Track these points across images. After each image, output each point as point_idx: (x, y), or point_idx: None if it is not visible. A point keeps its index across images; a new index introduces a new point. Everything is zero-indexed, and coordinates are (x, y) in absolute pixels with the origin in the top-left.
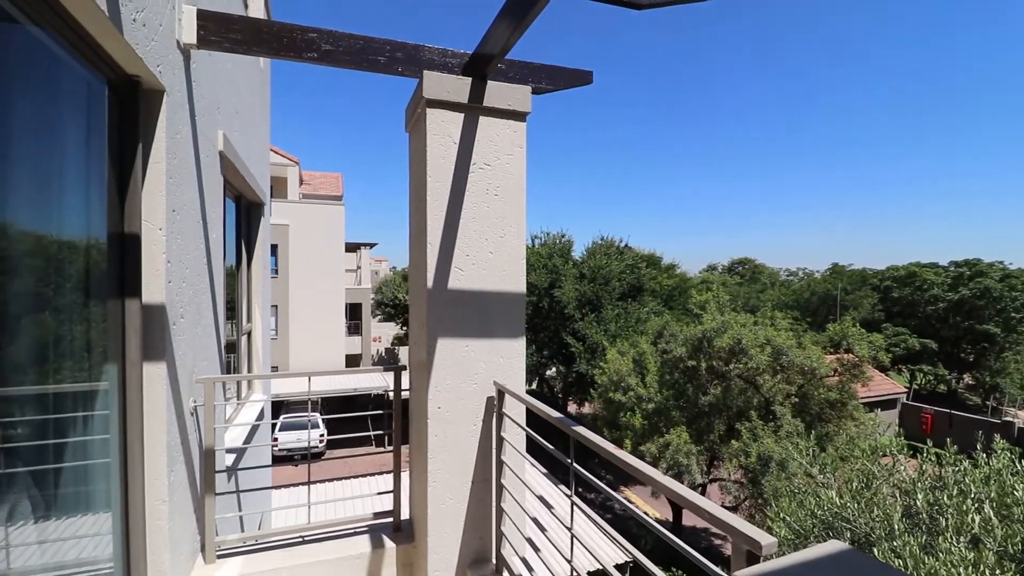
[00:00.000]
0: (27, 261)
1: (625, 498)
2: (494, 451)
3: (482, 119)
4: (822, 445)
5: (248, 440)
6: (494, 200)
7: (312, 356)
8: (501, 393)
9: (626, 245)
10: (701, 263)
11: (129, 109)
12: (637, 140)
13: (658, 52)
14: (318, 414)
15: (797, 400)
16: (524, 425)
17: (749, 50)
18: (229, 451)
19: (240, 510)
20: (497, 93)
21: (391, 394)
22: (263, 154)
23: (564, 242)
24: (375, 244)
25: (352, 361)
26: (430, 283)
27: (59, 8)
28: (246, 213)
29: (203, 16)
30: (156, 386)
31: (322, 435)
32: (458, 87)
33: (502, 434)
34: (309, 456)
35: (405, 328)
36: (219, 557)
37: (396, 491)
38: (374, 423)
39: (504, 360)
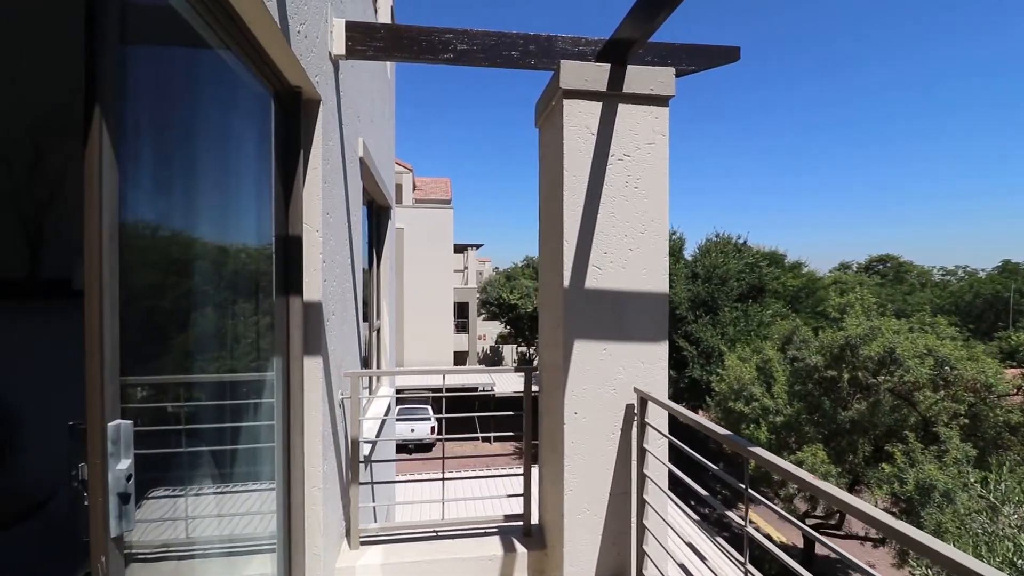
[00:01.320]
0: (216, 260)
1: (744, 517)
2: (634, 463)
3: (621, 107)
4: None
5: (378, 433)
6: (634, 193)
7: (423, 352)
8: (644, 401)
9: (744, 242)
10: (829, 260)
11: (292, 118)
12: (752, 125)
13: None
14: (429, 407)
15: (967, 421)
16: (669, 436)
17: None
18: (364, 443)
19: (373, 500)
20: (637, 78)
21: (486, 387)
22: (390, 161)
23: (674, 240)
24: (481, 245)
25: (459, 358)
26: (566, 282)
27: (241, 24)
28: (376, 217)
29: (350, 27)
30: (314, 379)
31: (433, 427)
32: (596, 75)
33: (644, 445)
34: (443, 454)
35: (509, 327)
36: (362, 544)
37: (526, 495)
38: (481, 420)
39: (645, 365)
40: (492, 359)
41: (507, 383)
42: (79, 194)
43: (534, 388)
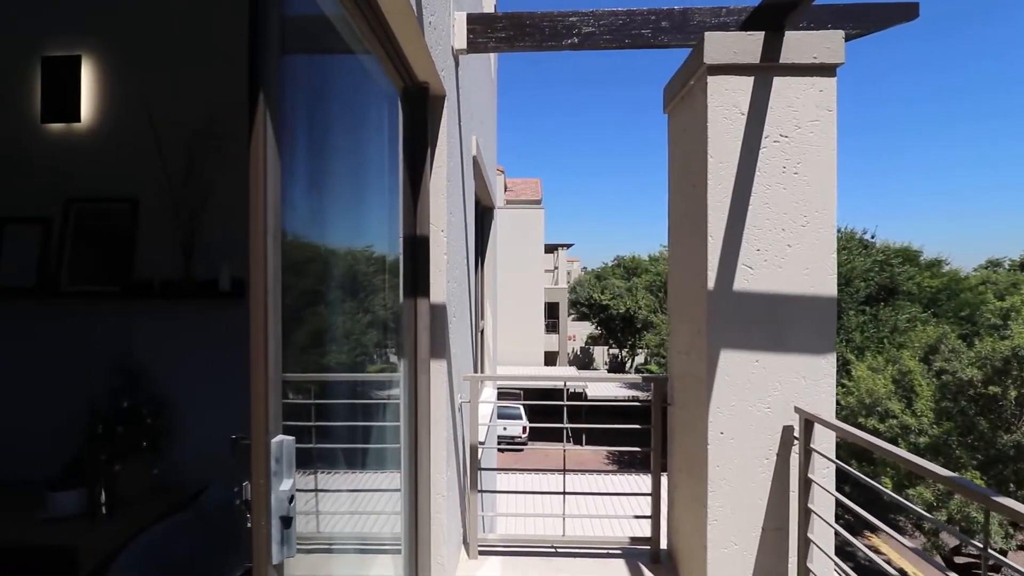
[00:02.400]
0: (353, 262)
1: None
2: (795, 494)
3: (776, 81)
4: None
5: (484, 440)
6: (793, 180)
7: (515, 352)
8: (808, 423)
9: (872, 237)
10: (973, 257)
11: (419, 115)
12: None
13: None
14: (520, 406)
15: None
16: (844, 465)
17: None
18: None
19: (482, 509)
20: (797, 46)
21: (576, 388)
22: (493, 160)
23: None
24: (571, 245)
25: (550, 358)
26: (711, 284)
27: (380, 16)
28: (481, 217)
29: (472, 19)
30: (439, 382)
31: (525, 427)
32: (748, 45)
33: (810, 475)
34: (564, 468)
35: (600, 328)
36: (480, 554)
37: (655, 518)
38: (571, 422)
39: (807, 381)
40: (582, 360)
41: (600, 387)
42: (227, 200)
43: (637, 390)
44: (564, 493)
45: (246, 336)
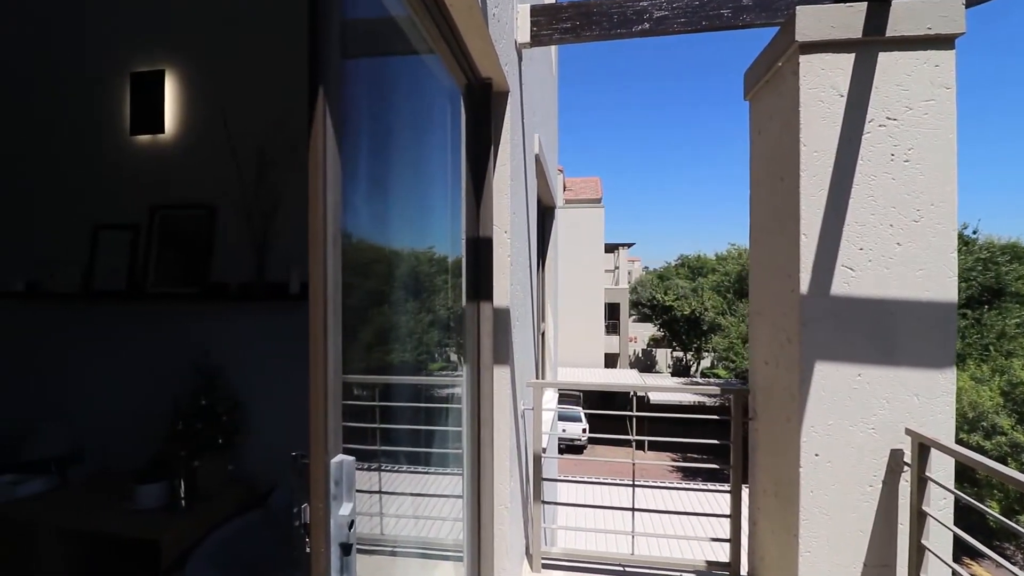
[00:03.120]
0: (416, 264)
1: None
2: (904, 528)
3: (882, 57)
4: None
5: (546, 447)
6: (903, 168)
7: (575, 353)
8: (923, 447)
9: (974, 232)
10: None
11: (482, 112)
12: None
13: None
14: (580, 408)
15: None
16: (966, 497)
17: None
18: (545, 458)
19: (544, 522)
20: (907, 16)
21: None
22: (554, 159)
23: None
24: (632, 244)
25: (610, 359)
26: (804, 287)
27: (444, 10)
28: (542, 217)
29: (535, 11)
30: (502, 389)
31: (584, 429)
32: (847, 18)
33: (924, 507)
34: (633, 483)
35: (663, 330)
36: (543, 567)
37: (735, 542)
38: (634, 424)
39: (920, 399)
40: (644, 363)
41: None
42: (296, 204)
43: (703, 395)
44: (634, 510)
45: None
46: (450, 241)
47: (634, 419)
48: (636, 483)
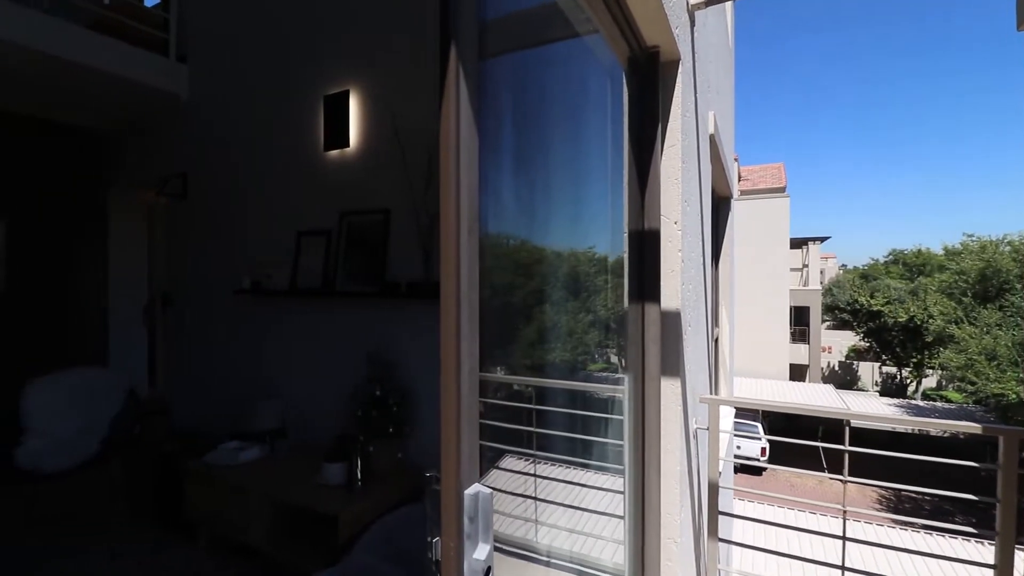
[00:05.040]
0: (567, 261)
1: None
2: None
3: None
4: None
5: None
6: None
7: (753, 363)
8: None
9: None
10: None
11: (648, 86)
12: None
13: None
14: (759, 423)
15: None
16: None
17: None
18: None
19: (719, 562)
20: None
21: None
22: (731, 142)
23: None
24: (827, 238)
25: (796, 372)
26: None
27: None
28: (716, 208)
29: None
30: (671, 405)
31: (764, 448)
32: None
33: None
34: (843, 505)
35: (867, 339)
36: None
37: None
38: (829, 453)
39: None
40: (842, 378)
41: (865, 406)
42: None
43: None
44: (843, 538)
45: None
46: (610, 235)
47: (847, 454)
48: (754, 473)
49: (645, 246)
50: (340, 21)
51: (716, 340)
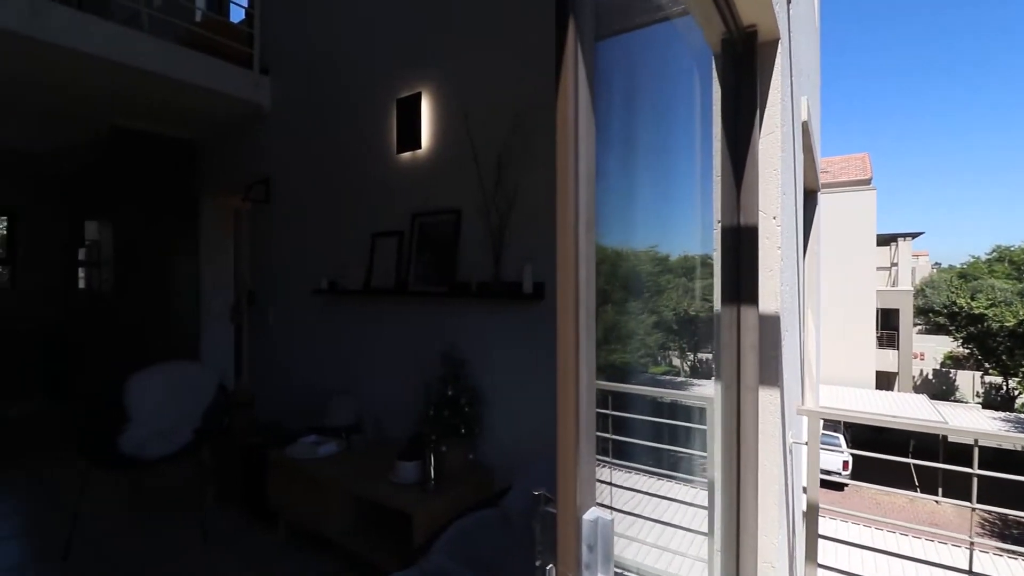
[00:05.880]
0: (648, 260)
1: None
2: None
3: None
4: None
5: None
6: None
7: (834, 369)
8: None
9: None
10: None
11: (744, 69)
12: None
13: None
14: (841, 435)
15: None
16: None
17: None
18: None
19: None
20: None
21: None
22: (818, 131)
23: None
24: (919, 234)
25: (883, 380)
26: None
27: None
28: (804, 202)
29: None
30: (770, 418)
31: (846, 462)
32: None
33: None
34: (970, 534)
35: (967, 346)
36: None
37: None
38: (921, 470)
39: None
40: (936, 387)
41: (965, 419)
42: (529, 204)
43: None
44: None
45: (546, 337)
46: (699, 232)
47: (974, 478)
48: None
49: (741, 243)
50: (414, 25)
51: (800, 344)
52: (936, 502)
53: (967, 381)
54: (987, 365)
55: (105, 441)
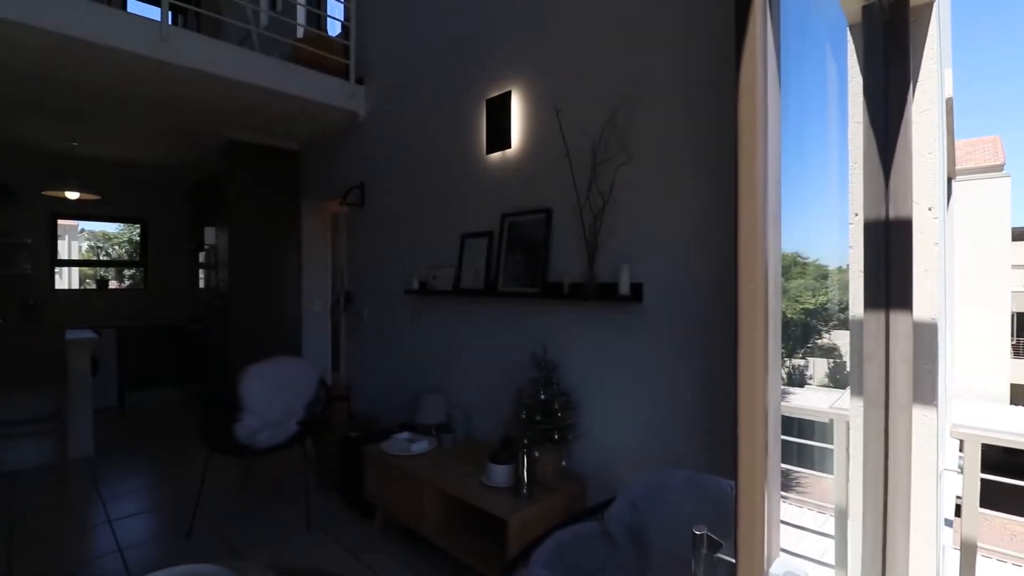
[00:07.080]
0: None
1: None
2: None
3: None
4: None
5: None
6: None
7: (961, 381)
8: None
9: None
10: None
11: (894, 35)
12: None
13: None
14: (957, 456)
15: None
16: None
17: None
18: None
19: None
20: None
21: None
22: (953, 110)
23: None
24: None
25: (1019, 394)
26: None
27: None
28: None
29: None
30: (925, 441)
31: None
32: None
33: None
34: None
35: None
36: None
37: None
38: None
39: None
40: None
41: None
42: (623, 203)
43: None
44: None
45: (644, 342)
46: (836, 224)
47: None
48: None
49: (891, 239)
50: (503, 25)
51: None
52: None
53: None
54: None
55: (223, 429)
